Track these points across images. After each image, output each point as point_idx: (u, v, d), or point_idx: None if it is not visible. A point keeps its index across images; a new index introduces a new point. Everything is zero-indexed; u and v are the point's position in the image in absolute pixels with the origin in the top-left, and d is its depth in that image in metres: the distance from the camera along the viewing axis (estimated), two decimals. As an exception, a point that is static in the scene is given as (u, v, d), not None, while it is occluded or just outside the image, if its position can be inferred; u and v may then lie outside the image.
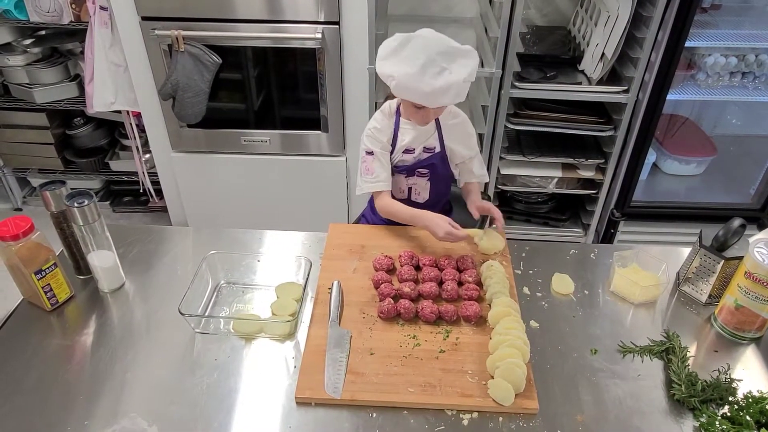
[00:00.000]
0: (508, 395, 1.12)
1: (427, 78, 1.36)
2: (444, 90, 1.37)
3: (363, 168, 1.59)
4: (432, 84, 1.36)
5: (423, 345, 1.25)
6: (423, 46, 1.38)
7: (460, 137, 1.62)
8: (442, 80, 1.36)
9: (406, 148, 1.59)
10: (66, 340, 1.27)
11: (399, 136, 1.58)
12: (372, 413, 1.13)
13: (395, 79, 1.39)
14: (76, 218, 1.26)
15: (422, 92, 1.38)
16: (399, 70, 1.38)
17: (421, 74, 1.36)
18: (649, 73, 2.28)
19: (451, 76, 1.37)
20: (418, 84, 1.37)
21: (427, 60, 1.36)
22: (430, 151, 1.60)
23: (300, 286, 1.37)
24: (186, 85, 2.31)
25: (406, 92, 1.42)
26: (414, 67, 1.36)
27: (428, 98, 1.40)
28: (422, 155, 1.60)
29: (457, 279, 1.39)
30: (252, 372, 1.21)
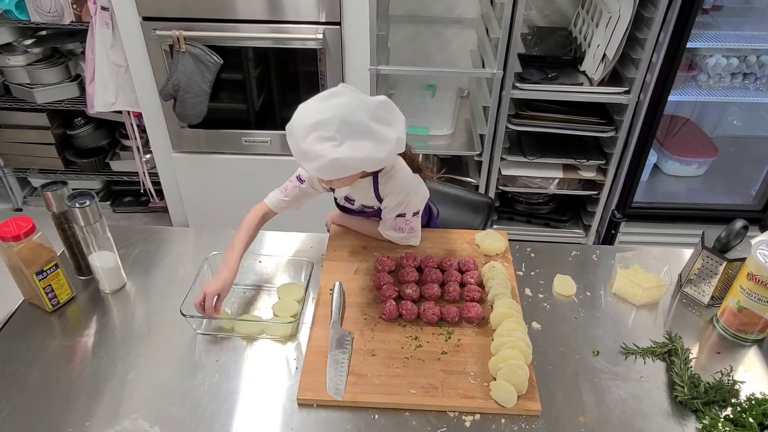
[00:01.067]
0: (510, 397, 1.12)
1: (312, 135, 1.17)
2: (313, 157, 1.18)
3: (285, 185, 1.50)
4: (309, 145, 1.17)
5: (425, 346, 1.25)
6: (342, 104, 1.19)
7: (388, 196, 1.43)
8: (319, 147, 1.17)
9: (347, 197, 1.51)
10: (67, 340, 1.27)
11: (336, 191, 1.51)
12: (374, 415, 1.12)
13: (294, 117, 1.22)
14: (78, 219, 1.26)
15: (296, 145, 1.20)
16: (302, 111, 1.22)
17: (312, 128, 1.17)
18: (650, 74, 2.28)
19: (331, 151, 1.17)
20: (298, 136, 1.19)
21: (331, 119, 1.16)
22: (370, 208, 1.51)
23: (301, 287, 1.37)
24: (187, 86, 2.31)
25: (288, 136, 1.23)
26: (310, 117, 1.18)
27: (297, 154, 1.21)
28: (363, 209, 1.52)
29: (459, 280, 1.39)
30: (253, 373, 1.21)
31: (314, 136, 1.17)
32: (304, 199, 1.51)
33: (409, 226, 1.49)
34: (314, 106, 1.21)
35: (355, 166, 1.22)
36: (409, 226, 1.49)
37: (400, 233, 1.50)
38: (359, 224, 1.58)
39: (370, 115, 1.21)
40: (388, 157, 1.24)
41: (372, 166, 1.28)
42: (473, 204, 1.91)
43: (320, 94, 1.24)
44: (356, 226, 1.58)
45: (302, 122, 1.19)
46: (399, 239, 1.52)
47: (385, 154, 1.22)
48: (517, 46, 2.25)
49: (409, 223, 1.49)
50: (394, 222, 1.48)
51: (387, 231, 1.51)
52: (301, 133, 1.19)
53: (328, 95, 1.22)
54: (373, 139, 1.20)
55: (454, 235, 1.57)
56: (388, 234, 1.51)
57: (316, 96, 1.24)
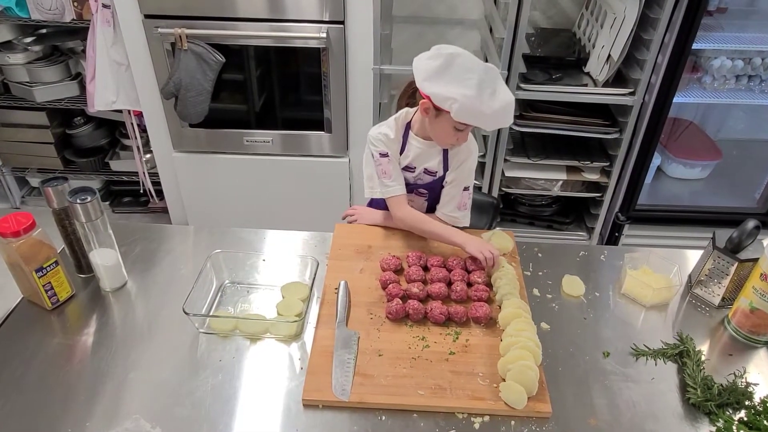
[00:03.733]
0: (520, 398, 1.10)
1: (486, 99, 1.28)
2: (503, 111, 1.30)
3: (379, 171, 1.50)
4: (491, 106, 1.28)
5: (432, 347, 1.22)
6: (470, 65, 1.30)
7: (459, 167, 1.52)
8: (498, 101, 1.29)
9: (408, 165, 1.53)
10: (67, 339, 1.24)
11: (405, 150, 1.52)
12: (381, 416, 1.10)
13: (457, 101, 1.28)
14: (79, 215, 1.23)
15: (484, 115, 1.30)
16: (458, 92, 1.28)
17: (479, 96, 1.28)
18: (655, 76, 2.26)
19: (503, 95, 1.30)
20: (480, 106, 1.28)
21: (480, 80, 1.28)
22: (432, 174, 1.53)
23: (306, 286, 1.35)
24: (189, 84, 2.29)
25: (467, 116, 1.31)
26: (471, 88, 1.27)
27: (489, 121, 1.32)
28: (423, 176, 1.54)
29: (466, 280, 1.37)
30: (257, 373, 1.18)
31: (487, 94, 1.28)
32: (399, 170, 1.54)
33: (469, 202, 1.55)
34: (450, 80, 1.29)
35: (513, 100, 1.32)
36: (469, 202, 1.55)
37: (464, 210, 1.54)
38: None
39: (478, 59, 1.33)
40: None
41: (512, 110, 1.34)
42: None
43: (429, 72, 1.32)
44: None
45: (466, 95, 1.27)
46: (460, 218, 1.55)
47: None
48: (522, 46, 2.23)
49: (469, 199, 1.55)
50: (462, 197, 1.52)
51: (451, 213, 1.54)
52: (477, 101, 1.27)
53: (444, 65, 1.31)
54: (497, 74, 1.32)
55: (460, 234, 1.55)
56: (450, 214, 1.54)
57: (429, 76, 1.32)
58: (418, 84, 1.36)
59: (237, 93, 2.47)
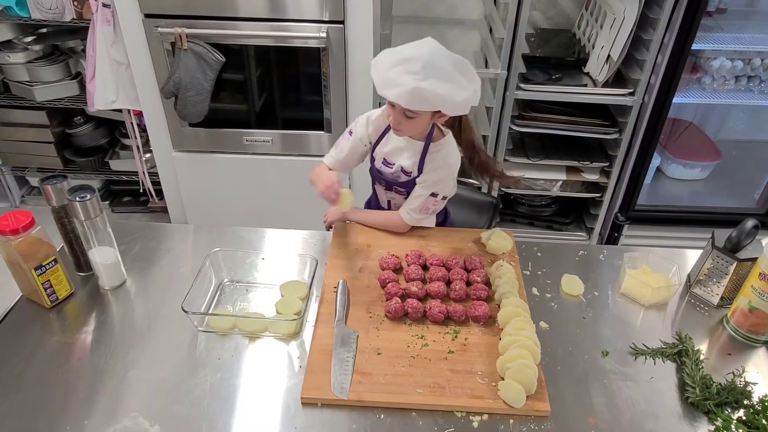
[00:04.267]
0: (519, 397, 1.10)
1: (399, 67, 1.24)
2: (396, 84, 1.24)
3: (338, 142, 1.59)
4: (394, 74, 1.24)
5: (431, 345, 1.22)
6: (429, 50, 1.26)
7: (430, 171, 1.48)
8: (404, 77, 1.23)
9: (385, 158, 1.52)
10: (66, 337, 1.24)
11: (384, 139, 1.52)
12: (380, 414, 1.10)
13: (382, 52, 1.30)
14: (78, 213, 1.23)
15: (381, 73, 1.27)
16: (388, 51, 1.29)
17: (399, 62, 1.24)
18: (655, 76, 2.27)
19: (414, 81, 1.22)
20: (384, 65, 1.27)
21: (418, 58, 1.23)
22: (407, 174, 1.50)
23: (305, 284, 1.35)
24: (188, 84, 2.29)
25: (373, 68, 1.30)
26: (398, 54, 1.26)
27: (381, 81, 1.28)
28: (399, 174, 1.51)
29: (465, 279, 1.37)
30: (256, 371, 1.18)
31: (400, 68, 1.24)
32: (356, 157, 1.58)
33: (434, 208, 1.53)
34: (401, 49, 1.28)
35: (434, 101, 1.27)
36: (434, 208, 1.52)
37: (422, 214, 1.52)
38: (371, 216, 1.57)
39: (453, 63, 1.28)
40: (464, 102, 1.29)
41: (448, 106, 1.31)
42: (477, 204, 1.89)
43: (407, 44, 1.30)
44: (367, 218, 1.57)
45: (390, 57, 1.27)
46: (417, 220, 1.52)
47: (463, 99, 1.28)
48: (522, 46, 2.23)
49: (436, 205, 1.52)
50: (426, 201, 1.49)
51: (410, 212, 1.51)
52: (388, 64, 1.26)
53: (417, 43, 1.29)
54: (453, 83, 1.26)
55: (459, 233, 1.55)
56: (408, 214, 1.52)
57: (403, 45, 1.30)
58: None
59: (237, 93, 2.47)
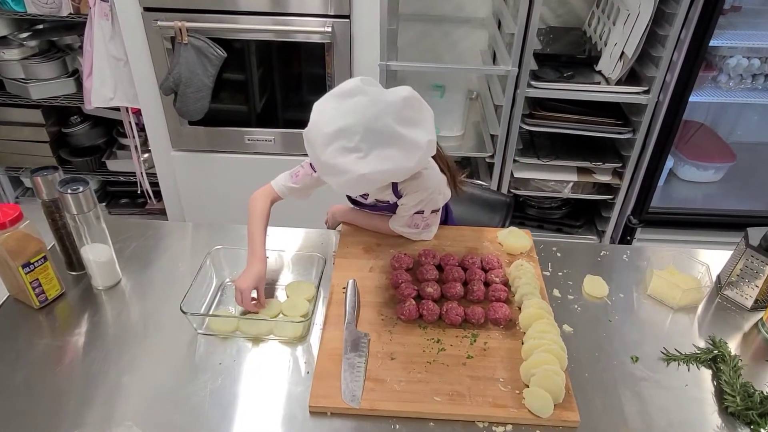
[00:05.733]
0: (546, 405, 1.01)
1: (333, 146, 1.05)
2: (336, 171, 1.07)
3: (295, 171, 1.37)
4: (330, 157, 1.06)
5: (448, 350, 1.14)
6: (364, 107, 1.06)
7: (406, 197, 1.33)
8: (343, 160, 1.05)
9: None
10: (56, 340, 1.16)
11: None
12: (395, 425, 1.01)
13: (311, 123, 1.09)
14: (70, 206, 1.15)
15: (316, 157, 1.09)
16: (318, 115, 1.09)
17: (332, 137, 1.05)
18: (670, 74, 2.19)
19: (356, 165, 1.05)
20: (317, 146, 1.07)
21: (353, 127, 1.04)
22: (384, 203, 1.39)
23: (312, 285, 1.26)
24: (189, 80, 2.22)
25: (306, 144, 1.12)
26: (333, 122, 1.05)
27: (319, 166, 1.12)
28: (376, 203, 1.41)
29: (483, 279, 1.28)
30: (260, 377, 1.09)
31: (336, 147, 1.05)
32: (314, 188, 1.39)
33: (425, 222, 1.40)
34: (331, 108, 1.08)
35: (384, 179, 1.11)
36: (425, 222, 1.40)
37: (414, 229, 1.40)
38: (367, 220, 1.47)
39: (396, 117, 1.07)
40: (418, 164, 1.12)
41: (402, 176, 1.15)
42: (490, 203, 1.81)
43: (335, 90, 1.11)
44: (364, 222, 1.48)
45: (321, 130, 1.06)
46: (411, 234, 1.42)
47: (415, 162, 1.10)
48: (533, 42, 2.16)
49: (426, 221, 1.40)
50: (411, 219, 1.38)
51: (400, 227, 1.41)
52: (321, 144, 1.06)
53: (346, 93, 1.08)
54: (401, 147, 1.07)
55: (474, 232, 1.47)
56: (400, 230, 1.41)
57: (331, 93, 1.11)
58: None
59: (238, 90, 2.39)
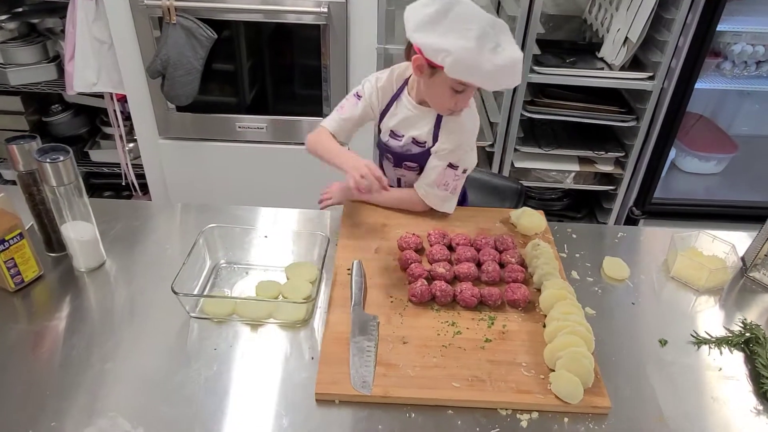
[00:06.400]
0: (575, 391, 0.93)
1: (487, 53, 1.09)
2: (508, 69, 1.12)
3: (340, 105, 1.40)
4: (493, 61, 1.10)
5: (464, 333, 1.05)
6: (471, 14, 1.11)
7: (448, 137, 1.31)
8: (501, 57, 1.10)
9: (393, 131, 1.35)
10: (33, 325, 1.05)
11: (392, 108, 1.35)
12: (410, 413, 0.92)
13: (451, 54, 1.09)
14: (49, 178, 1.05)
15: (484, 71, 1.11)
16: (453, 43, 1.09)
17: (479, 49, 1.09)
18: (676, 59, 2.14)
19: (510, 51, 1.12)
20: (479, 61, 1.09)
21: (481, 32, 1.09)
22: (421, 145, 1.34)
23: (315, 266, 1.17)
24: (177, 62, 2.11)
25: (464, 71, 1.12)
26: (469, 40, 1.09)
27: (490, 79, 1.13)
28: (410, 146, 1.35)
29: (497, 260, 1.20)
30: (260, 363, 1.00)
31: (488, 49, 1.10)
32: (359, 124, 1.41)
33: (454, 184, 1.35)
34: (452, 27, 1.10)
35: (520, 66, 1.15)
36: (454, 184, 1.34)
37: (443, 190, 1.34)
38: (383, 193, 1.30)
39: (484, 12, 1.14)
40: None
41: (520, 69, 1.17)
42: (501, 190, 1.72)
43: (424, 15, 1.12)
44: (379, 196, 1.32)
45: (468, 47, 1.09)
46: (436, 201, 1.35)
47: None
48: (536, 26, 2.09)
49: (457, 180, 1.34)
50: (443, 173, 1.32)
51: (427, 187, 1.34)
52: (475, 55, 1.09)
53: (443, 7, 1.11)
54: (505, 30, 1.14)
55: (484, 213, 1.39)
56: (426, 191, 1.35)
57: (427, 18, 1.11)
58: (408, 35, 1.15)
59: (228, 74, 2.29)
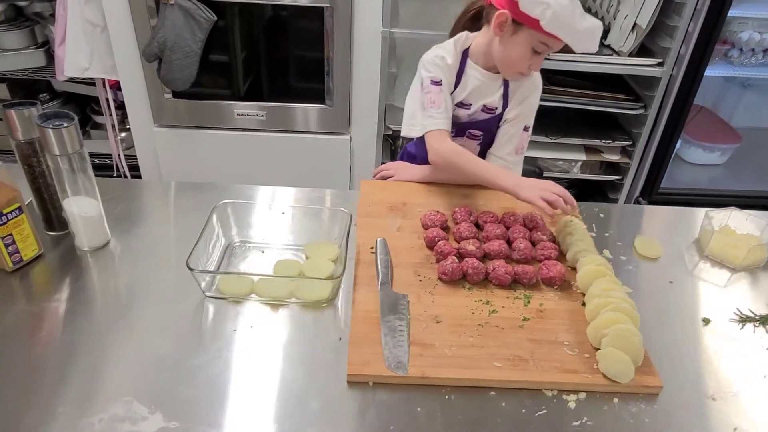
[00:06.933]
0: (626, 369, 0.87)
1: (577, 16, 1.14)
2: (593, 32, 1.17)
3: (426, 100, 1.29)
4: (582, 23, 1.15)
5: (500, 312, 0.99)
6: None
7: (523, 102, 1.35)
8: (588, 21, 1.16)
9: (462, 101, 1.33)
10: (32, 306, 0.97)
11: (461, 82, 1.32)
12: (449, 395, 0.85)
13: (551, 7, 1.11)
14: (52, 146, 0.96)
15: (575, 29, 1.14)
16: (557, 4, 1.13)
17: (572, 9, 1.13)
18: (685, 46, 2.10)
19: (591, 19, 1.17)
20: (572, 19, 1.13)
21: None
22: (491, 111, 1.34)
23: (334, 245, 1.10)
24: (175, 45, 2.03)
25: (559, 27, 1.14)
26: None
27: (578, 38, 1.17)
28: (479, 114, 1.34)
29: (528, 238, 1.14)
30: (284, 345, 0.92)
31: (578, 13, 1.15)
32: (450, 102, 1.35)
33: (523, 145, 1.38)
34: None
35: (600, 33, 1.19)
36: (523, 145, 1.38)
37: (520, 155, 1.37)
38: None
39: None
40: None
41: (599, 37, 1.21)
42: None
43: None
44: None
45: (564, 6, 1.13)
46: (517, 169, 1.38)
47: None
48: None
49: (526, 140, 1.38)
50: (520, 138, 1.35)
51: (506, 153, 1.36)
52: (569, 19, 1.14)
53: None
54: None
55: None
56: (506, 158, 1.36)
57: None
58: None
59: (227, 59, 2.21)
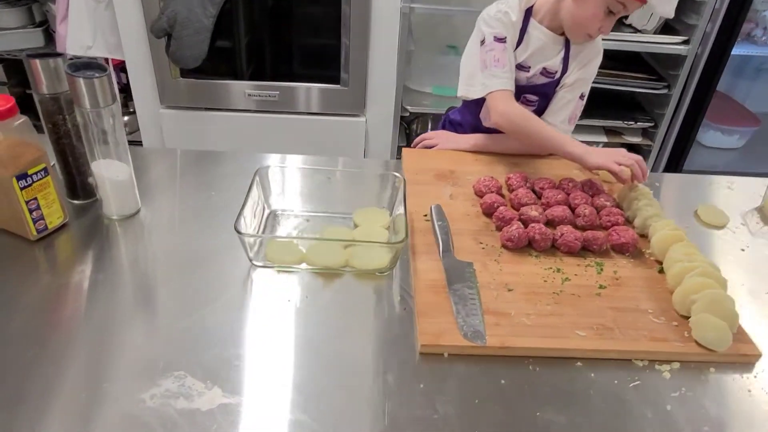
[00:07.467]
0: (723, 337, 0.80)
1: None
2: None
3: (490, 58, 1.20)
4: None
5: (573, 280, 0.91)
6: None
7: (584, 66, 1.27)
8: None
9: (521, 63, 1.25)
10: (58, 278, 0.87)
11: (523, 42, 1.24)
12: (533, 366, 0.78)
13: None
14: (82, 98, 0.87)
15: None
16: None
17: None
18: (711, 23, 2.05)
19: None
20: None
21: None
22: (551, 75, 1.26)
23: (386, 211, 1.02)
24: (185, 20, 1.93)
25: None
26: None
27: None
28: (538, 78, 1.27)
29: (590, 204, 1.07)
30: (345, 317, 0.84)
31: None
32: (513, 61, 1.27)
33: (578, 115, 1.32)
34: None
35: None
36: (578, 114, 1.32)
37: (573, 124, 1.30)
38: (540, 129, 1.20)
39: None
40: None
41: None
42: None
43: None
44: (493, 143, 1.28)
45: None
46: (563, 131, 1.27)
47: None
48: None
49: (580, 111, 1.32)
50: (576, 106, 1.28)
51: (560, 121, 1.28)
52: None
53: None
54: None
55: (558, 159, 1.25)
56: (560, 125, 1.28)
57: None
58: None
59: (238, 37, 2.12)
